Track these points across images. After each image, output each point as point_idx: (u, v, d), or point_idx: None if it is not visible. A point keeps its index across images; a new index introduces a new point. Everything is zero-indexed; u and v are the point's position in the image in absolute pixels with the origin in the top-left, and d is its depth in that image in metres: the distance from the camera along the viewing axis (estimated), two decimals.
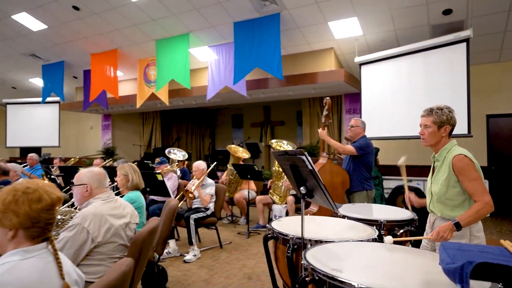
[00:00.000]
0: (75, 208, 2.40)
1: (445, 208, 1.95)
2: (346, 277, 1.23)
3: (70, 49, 8.44)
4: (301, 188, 1.79)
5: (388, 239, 1.75)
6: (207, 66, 7.64)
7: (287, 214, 5.10)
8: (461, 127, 5.11)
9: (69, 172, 5.06)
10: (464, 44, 5.10)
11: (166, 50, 7.43)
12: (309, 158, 1.63)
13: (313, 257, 1.49)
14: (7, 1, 6.65)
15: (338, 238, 1.86)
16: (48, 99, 9.99)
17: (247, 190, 5.46)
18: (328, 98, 3.72)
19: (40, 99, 10.33)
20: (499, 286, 1.16)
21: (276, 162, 5.37)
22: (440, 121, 1.93)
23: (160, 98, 7.84)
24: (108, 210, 1.98)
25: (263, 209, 5.55)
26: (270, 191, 5.51)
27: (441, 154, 1.99)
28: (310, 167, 1.63)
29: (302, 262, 1.45)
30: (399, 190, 5.54)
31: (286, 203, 5.20)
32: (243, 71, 6.40)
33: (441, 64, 5.39)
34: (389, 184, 6.12)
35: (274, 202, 5.40)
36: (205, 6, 6.17)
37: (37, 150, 11.42)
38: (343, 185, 3.63)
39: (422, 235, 2.19)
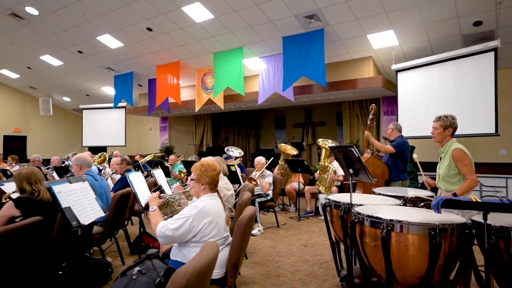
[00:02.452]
0: None
1: (447, 184, 2.83)
2: (378, 215, 2.17)
3: (139, 62, 9.86)
4: (350, 169, 2.74)
5: None
6: (257, 74, 8.68)
7: None
8: (489, 127, 5.70)
9: (152, 165, 6.34)
10: (492, 53, 5.69)
11: (223, 61, 8.53)
12: (356, 149, 2.57)
13: (359, 209, 2.43)
14: (95, 26, 8.12)
15: (375, 203, 2.78)
16: None
17: (297, 182, 6.42)
18: (374, 104, 4.58)
19: (109, 104, 11.99)
20: (467, 219, 2.06)
21: (322, 158, 6.29)
22: (445, 125, 2.82)
23: (217, 103, 9.01)
24: (222, 185, 3.06)
25: (310, 197, 6.49)
26: (317, 182, 6.42)
27: (445, 148, 2.87)
28: (356, 155, 2.58)
29: (352, 211, 2.40)
30: None
31: (331, 193, 6.10)
32: (291, 80, 7.34)
33: (471, 71, 5.94)
34: (423, 179, 6.79)
35: (320, 192, 6.32)
36: (258, 24, 7.18)
37: (103, 149, 13.14)
38: (382, 176, 4.49)
39: None
